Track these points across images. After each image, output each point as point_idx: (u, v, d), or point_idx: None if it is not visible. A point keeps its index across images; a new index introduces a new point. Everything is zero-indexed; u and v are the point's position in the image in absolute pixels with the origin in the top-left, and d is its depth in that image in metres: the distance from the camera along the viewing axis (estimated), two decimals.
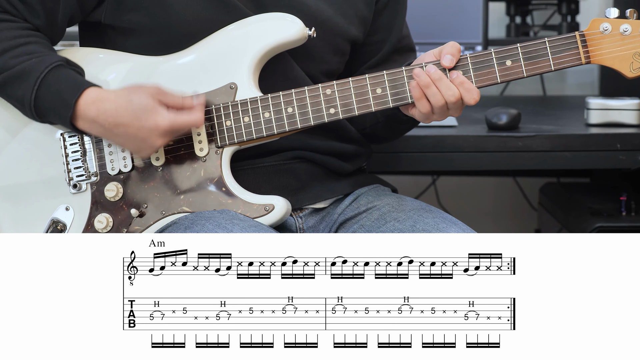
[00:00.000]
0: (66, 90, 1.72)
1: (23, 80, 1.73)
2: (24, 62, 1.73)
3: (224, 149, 1.79)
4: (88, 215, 1.80)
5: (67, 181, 1.81)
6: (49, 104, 1.73)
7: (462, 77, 1.73)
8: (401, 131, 2.00)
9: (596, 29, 1.73)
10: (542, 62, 1.74)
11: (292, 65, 1.85)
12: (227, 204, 1.77)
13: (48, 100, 1.73)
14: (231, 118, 1.78)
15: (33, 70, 1.73)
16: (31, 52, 1.74)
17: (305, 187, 1.89)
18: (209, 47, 1.80)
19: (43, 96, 1.73)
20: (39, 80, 1.72)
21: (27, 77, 1.73)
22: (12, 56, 1.74)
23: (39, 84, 1.72)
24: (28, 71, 1.73)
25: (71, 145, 1.81)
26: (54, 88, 1.72)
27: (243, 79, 1.79)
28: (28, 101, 1.73)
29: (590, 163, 2.27)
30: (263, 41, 1.79)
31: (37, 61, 1.73)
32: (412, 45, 2.02)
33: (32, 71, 1.73)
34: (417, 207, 1.84)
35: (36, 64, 1.73)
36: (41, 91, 1.72)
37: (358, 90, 1.77)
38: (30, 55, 1.74)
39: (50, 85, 1.72)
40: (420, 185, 3.32)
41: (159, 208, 1.79)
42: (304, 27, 1.78)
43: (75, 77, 1.75)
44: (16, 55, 1.74)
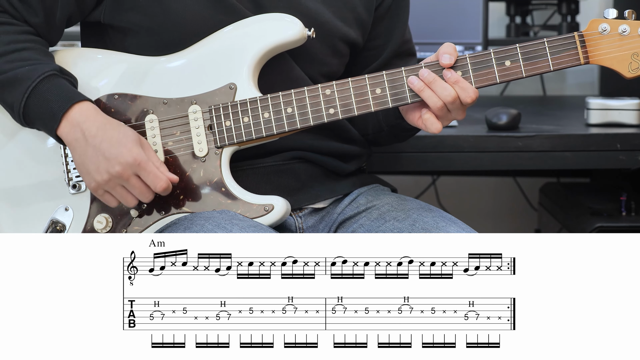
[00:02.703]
0: (56, 101, 1.72)
1: (15, 86, 1.73)
2: (17, 68, 1.73)
3: (223, 149, 1.79)
4: (87, 216, 1.80)
5: (66, 182, 1.81)
6: (37, 113, 1.73)
7: (456, 76, 1.73)
8: (405, 138, 2.00)
9: (595, 30, 1.73)
10: (541, 63, 1.74)
11: (292, 65, 1.85)
12: (226, 204, 1.77)
13: (37, 109, 1.73)
14: (231, 118, 1.78)
15: (25, 78, 1.72)
16: (26, 59, 1.74)
17: (304, 187, 1.89)
18: (208, 47, 1.80)
19: (32, 105, 1.73)
20: (29, 88, 1.72)
21: (18, 84, 1.72)
22: (7, 61, 1.73)
23: (29, 92, 1.72)
24: (20, 78, 1.72)
25: None
26: (44, 98, 1.72)
27: (242, 79, 1.79)
28: (17, 108, 1.73)
29: (590, 163, 2.27)
30: (262, 41, 1.78)
31: (30, 69, 1.73)
32: (413, 50, 2.02)
33: (24, 79, 1.72)
34: (417, 206, 1.84)
35: (29, 72, 1.72)
36: (31, 100, 1.72)
37: (357, 90, 1.77)
38: (25, 62, 1.74)
39: (40, 94, 1.72)
40: (420, 185, 3.32)
41: (158, 208, 1.79)
42: (304, 27, 1.78)
43: (67, 89, 1.75)
44: (11, 60, 1.74)
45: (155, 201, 1.78)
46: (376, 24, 1.94)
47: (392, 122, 1.89)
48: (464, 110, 1.76)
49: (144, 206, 1.79)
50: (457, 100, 1.73)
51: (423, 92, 1.73)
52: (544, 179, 3.25)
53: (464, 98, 1.73)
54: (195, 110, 1.79)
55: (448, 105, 1.73)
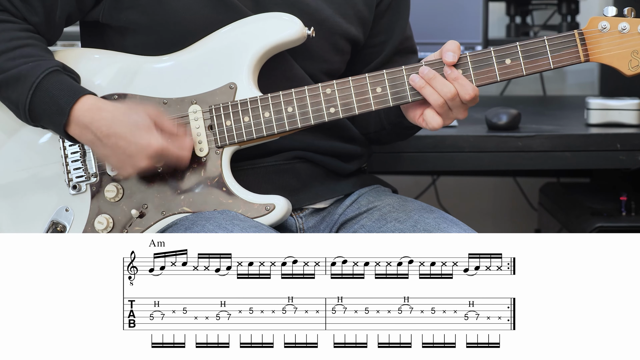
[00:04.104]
0: (62, 96, 1.71)
1: (19, 83, 1.72)
2: (21, 65, 1.72)
3: (224, 149, 1.79)
4: (88, 217, 1.80)
5: (66, 182, 1.81)
6: (43, 110, 1.72)
7: (456, 73, 1.73)
8: (406, 136, 2.00)
9: (595, 27, 1.73)
10: (541, 61, 1.74)
11: (292, 64, 1.85)
12: (227, 203, 1.77)
13: (43, 105, 1.72)
14: (231, 118, 1.78)
15: (29, 74, 1.71)
16: (28, 55, 1.74)
17: (305, 187, 1.89)
18: (207, 46, 1.80)
19: (38, 101, 1.72)
20: (34, 85, 1.71)
21: (23, 81, 1.72)
22: (9, 58, 1.73)
23: (34, 88, 1.71)
24: (24, 75, 1.72)
25: (70, 146, 1.81)
26: (50, 94, 1.71)
27: (242, 78, 1.78)
28: (23, 105, 1.72)
29: (590, 163, 2.27)
30: (262, 41, 1.78)
31: (33, 65, 1.72)
32: (414, 47, 2.02)
33: (28, 75, 1.71)
34: (418, 207, 1.84)
35: (33, 68, 1.72)
36: (36, 96, 1.71)
37: (358, 89, 1.77)
38: (27, 58, 1.73)
39: (45, 90, 1.71)
40: (420, 185, 3.32)
41: (159, 208, 1.79)
42: (303, 26, 1.78)
43: (71, 84, 1.74)
44: (13, 57, 1.73)
45: (156, 201, 1.78)
46: (377, 20, 1.94)
47: (393, 120, 1.90)
48: (466, 109, 1.76)
49: (145, 207, 1.79)
50: (457, 97, 1.73)
51: (424, 90, 1.74)
52: (544, 179, 3.25)
53: (463, 95, 1.73)
54: (196, 110, 1.78)
55: (449, 103, 1.74)
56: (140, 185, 1.79)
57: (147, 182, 1.79)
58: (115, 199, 1.79)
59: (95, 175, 1.80)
